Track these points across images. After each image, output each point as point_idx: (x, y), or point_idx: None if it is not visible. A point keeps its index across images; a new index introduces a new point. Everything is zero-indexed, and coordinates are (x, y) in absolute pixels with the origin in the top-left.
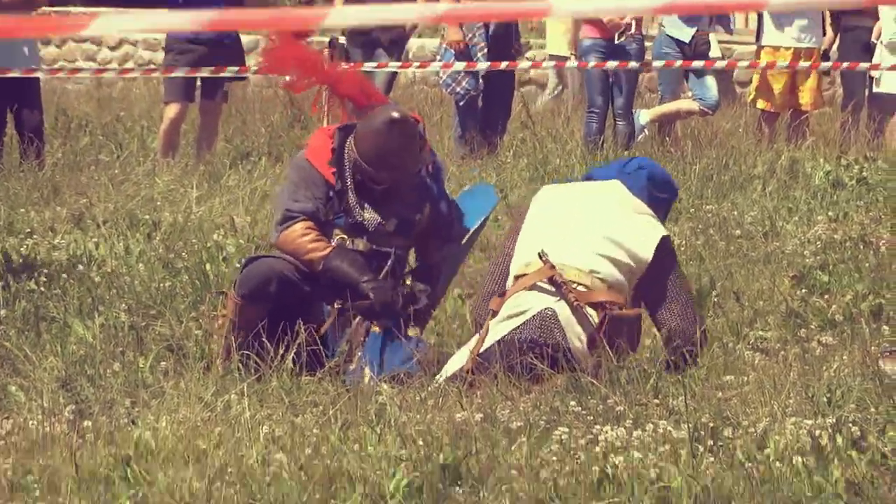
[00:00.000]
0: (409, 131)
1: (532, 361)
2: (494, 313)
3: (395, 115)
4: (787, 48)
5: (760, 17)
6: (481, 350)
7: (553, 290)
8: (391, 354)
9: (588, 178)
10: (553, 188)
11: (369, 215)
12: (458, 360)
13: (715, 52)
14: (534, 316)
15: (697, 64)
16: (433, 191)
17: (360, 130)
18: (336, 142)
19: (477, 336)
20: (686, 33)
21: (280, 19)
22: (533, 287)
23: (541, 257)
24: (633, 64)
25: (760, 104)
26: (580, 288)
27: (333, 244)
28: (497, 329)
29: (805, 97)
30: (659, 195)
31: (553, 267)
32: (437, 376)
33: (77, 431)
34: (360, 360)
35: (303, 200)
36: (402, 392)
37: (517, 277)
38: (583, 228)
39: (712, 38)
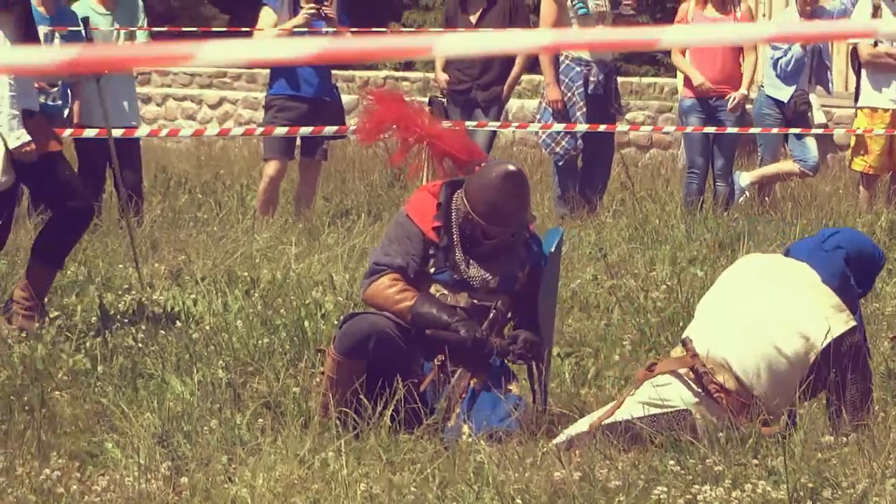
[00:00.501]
0: (523, 184)
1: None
2: (638, 384)
3: (512, 168)
4: (886, 110)
5: (858, 78)
6: (608, 420)
7: (695, 385)
8: (490, 411)
9: (787, 252)
10: (747, 261)
11: (475, 272)
12: (582, 424)
13: (818, 115)
14: (672, 413)
15: (795, 130)
16: (533, 248)
17: (472, 184)
18: (443, 196)
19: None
20: (785, 93)
21: (389, 49)
22: (676, 374)
23: (685, 344)
24: (731, 130)
25: (858, 166)
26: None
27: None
28: (632, 408)
29: None
30: (854, 280)
31: (696, 356)
32: (556, 439)
33: (173, 488)
34: (459, 417)
35: (393, 255)
36: (500, 450)
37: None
38: (748, 315)
39: (814, 99)
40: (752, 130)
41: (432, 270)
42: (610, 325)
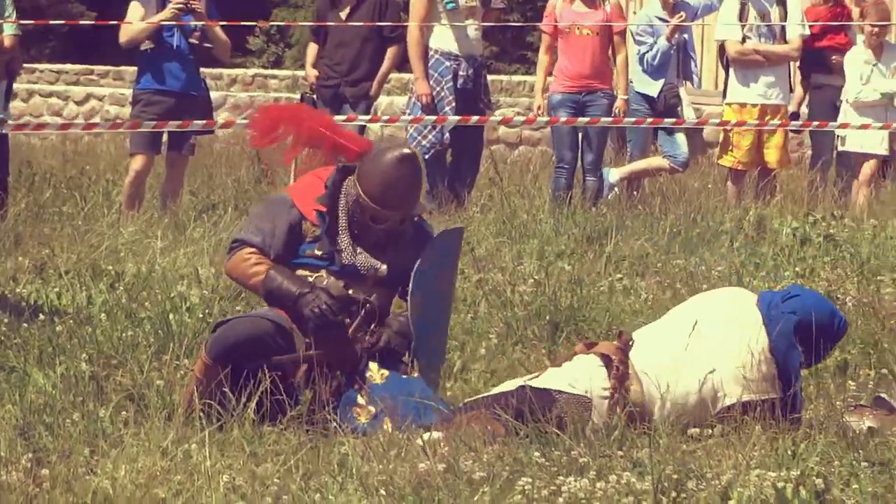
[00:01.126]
0: (416, 168)
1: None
2: (569, 357)
3: (406, 151)
4: (754, 105)
5: (727, 74)
6: (531, 384)
7: (609, 379)
8: (404, 402)
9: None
10: (723, 295)
11: (363, 259)
12: (508, 385)
13: (688, 111)
14: (575, 396)
15: (669, 120)
16: (422, 243)
17: (365, 167)
18: (331, 179)
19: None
20: (654, 88)
21: None
22: (606, 360)
23: (621, 337)
24: (605, 120)
25: (726, 161)
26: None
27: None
28: (550, 378)
29: (771, 155)
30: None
31: (625, 353)
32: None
33: (34, 480)
34: (377, 411)
35: (255, 233)
36: (364, 442)
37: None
38: (686, 348)
39: (683, 94)
40: (626, 121)
41: (318, 252)
42: (476, 318)
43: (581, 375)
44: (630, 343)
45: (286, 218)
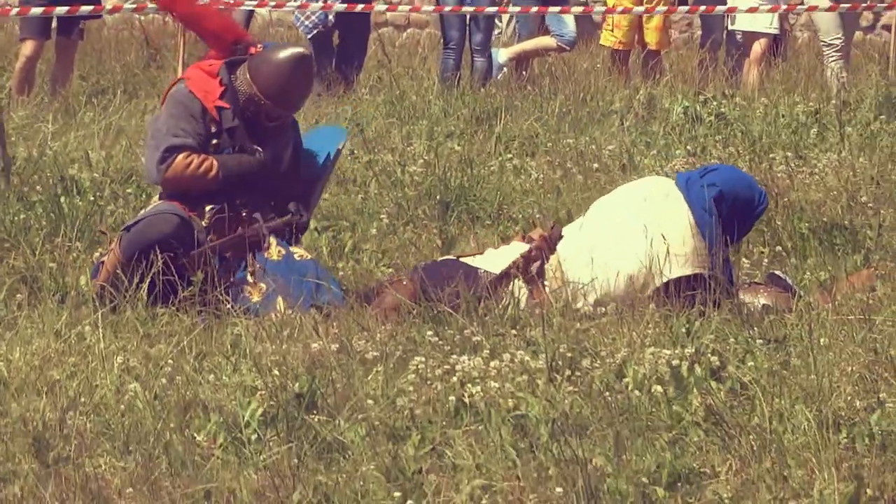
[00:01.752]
0: (311, 68)
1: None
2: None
3: (303, 51)
4: None
5: None
6: (467, 260)
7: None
8: (297, 283)
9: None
10: (644, 184)
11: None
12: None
13: None
14: (497, 274)
15: (554, 10)
16: (295, 126)
17: (260, 66)
18: (225, 76)
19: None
20: None
21: None
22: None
23: (553, 227)
24: (490, 10)
25: (606, 41)
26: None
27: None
28: (486, 259)
29: (651, 36)
30: (725, 221)
31: (545, 238)
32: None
33: None
34: (269, 289)
35: (182, 135)
36: (257, 322)
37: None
38: (612, 235)
39: None
40: (511, 10)
41: (212, 151)
42: (367, 199)
43: (507, 257)
44: (559, 233)
45: (198, 110)
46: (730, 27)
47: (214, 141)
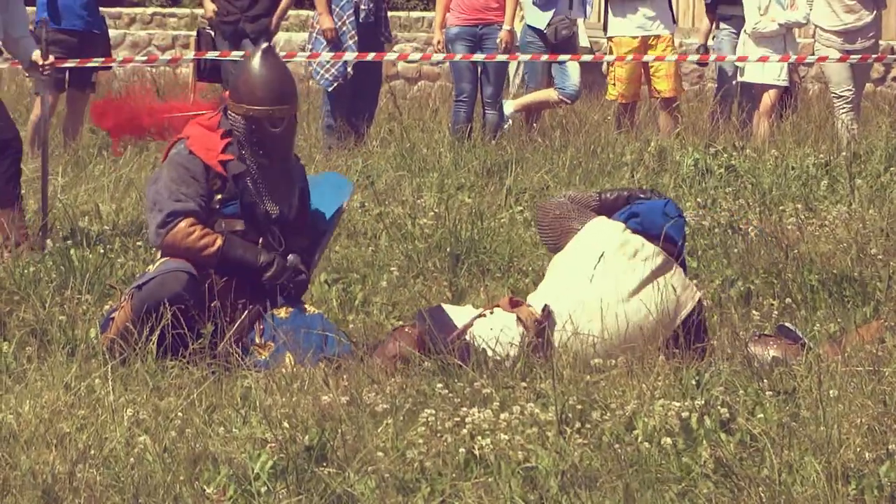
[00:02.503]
0: (279, 58)
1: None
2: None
3: (263, 45)
4: (633, 37)
5: (607, 8)
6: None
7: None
8: (305, 337)
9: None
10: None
11: (269, 204)
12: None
13: (583, 40)
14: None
15: (564, 57)
16: (301, 173)
17: (235, 85)
18: (224, 124)
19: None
20: (543, 20)
21: None
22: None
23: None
24: (500, 57)
25: (611, 95)
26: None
27: (221, 234)
28: (477, 328)
29: (661, 84)
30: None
31: (538, 323)
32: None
33: None
34: (278, 344)
35: (184, 200)
36: (267, 374)
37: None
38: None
39: (581, 24)
40: (521, 58)
41: (217, 207)
42: (377, 251)
43: (496, 328)
44: (550, 316)
45: (199, 170)
46: (739, 78)
47: (218, 196)
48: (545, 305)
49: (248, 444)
